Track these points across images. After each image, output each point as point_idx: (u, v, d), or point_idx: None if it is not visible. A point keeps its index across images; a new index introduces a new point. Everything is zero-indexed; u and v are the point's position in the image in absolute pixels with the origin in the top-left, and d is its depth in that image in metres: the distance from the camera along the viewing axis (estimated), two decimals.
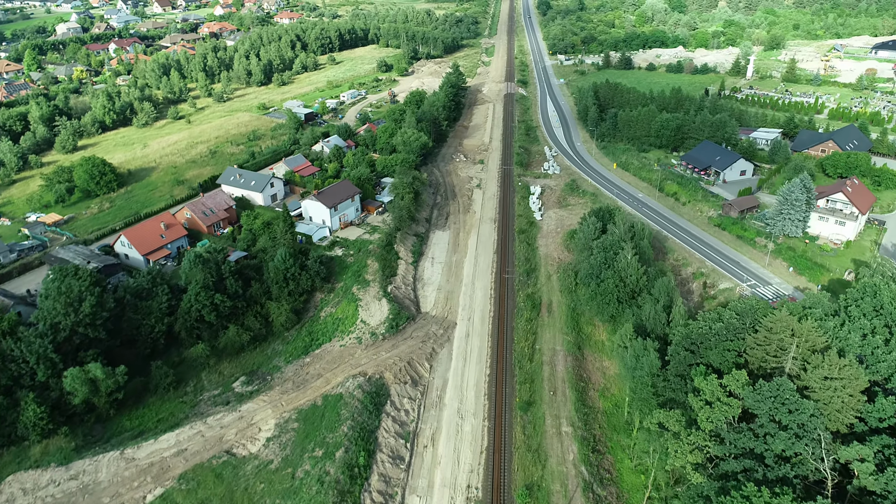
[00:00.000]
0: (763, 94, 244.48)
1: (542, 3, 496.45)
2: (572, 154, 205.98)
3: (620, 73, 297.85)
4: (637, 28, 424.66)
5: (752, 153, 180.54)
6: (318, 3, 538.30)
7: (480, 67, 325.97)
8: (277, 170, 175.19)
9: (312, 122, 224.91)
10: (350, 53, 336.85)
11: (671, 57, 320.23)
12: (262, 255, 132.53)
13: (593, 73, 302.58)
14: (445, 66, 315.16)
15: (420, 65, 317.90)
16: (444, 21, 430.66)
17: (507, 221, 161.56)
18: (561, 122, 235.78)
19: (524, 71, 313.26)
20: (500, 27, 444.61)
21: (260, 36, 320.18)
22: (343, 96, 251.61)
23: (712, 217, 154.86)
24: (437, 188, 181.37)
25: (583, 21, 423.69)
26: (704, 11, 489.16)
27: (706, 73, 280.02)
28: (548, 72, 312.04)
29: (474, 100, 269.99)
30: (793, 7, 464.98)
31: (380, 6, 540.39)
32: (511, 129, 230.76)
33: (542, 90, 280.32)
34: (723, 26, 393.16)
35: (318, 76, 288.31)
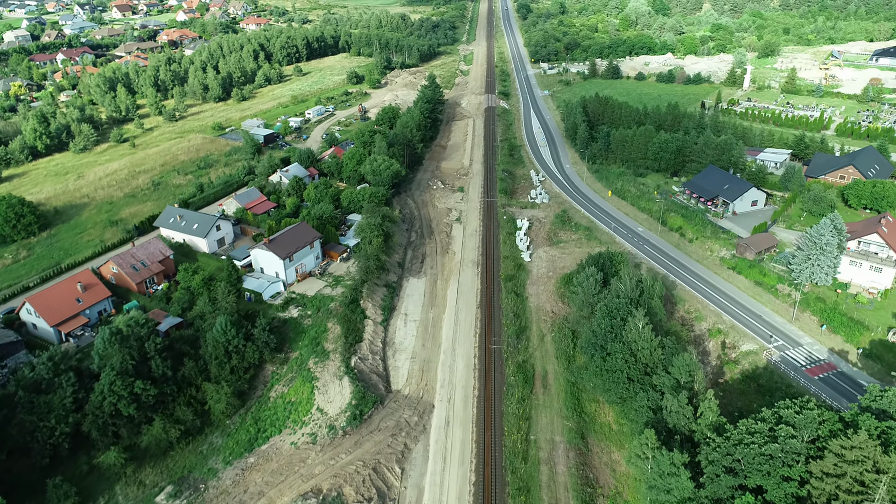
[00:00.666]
0: (763, 106, 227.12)
1: (521, 7, 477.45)
2: (561, 178, 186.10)
3: (608, 82, 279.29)
4: (621, 32, 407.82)
5: (762, 179, 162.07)
6: (288, 7, 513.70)
7: (459, 77, 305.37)
8: (228, 206, 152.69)
9: (273, 144, 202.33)
10: (318, 63, 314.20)
11: (660, 64, 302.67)
12: (200, 322, 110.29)
13: (579, 83, 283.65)
14: (421, 76, 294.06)
15: (394, 75, 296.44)
16: (419, 26, 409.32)
17: (492, 265, 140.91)
18: (547, 141, 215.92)
19: (505, 81, 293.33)
20: (478, 32, 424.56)
21: (220, 45, 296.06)
22: (308, 113, 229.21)
23: (725, 258, 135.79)
24: (411, 223, 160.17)
25: (565, 25, 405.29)
26: (689, 14, 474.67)
27: (699, 83, 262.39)
28: (530, 82, 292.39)
29: (452, 114, 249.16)
30: (779, 9, 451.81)
31: (352, 10, 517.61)
32: (493, 148, 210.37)
33: (526, 103, 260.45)
34: (710, 31, 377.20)
35: (282, 89, 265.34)
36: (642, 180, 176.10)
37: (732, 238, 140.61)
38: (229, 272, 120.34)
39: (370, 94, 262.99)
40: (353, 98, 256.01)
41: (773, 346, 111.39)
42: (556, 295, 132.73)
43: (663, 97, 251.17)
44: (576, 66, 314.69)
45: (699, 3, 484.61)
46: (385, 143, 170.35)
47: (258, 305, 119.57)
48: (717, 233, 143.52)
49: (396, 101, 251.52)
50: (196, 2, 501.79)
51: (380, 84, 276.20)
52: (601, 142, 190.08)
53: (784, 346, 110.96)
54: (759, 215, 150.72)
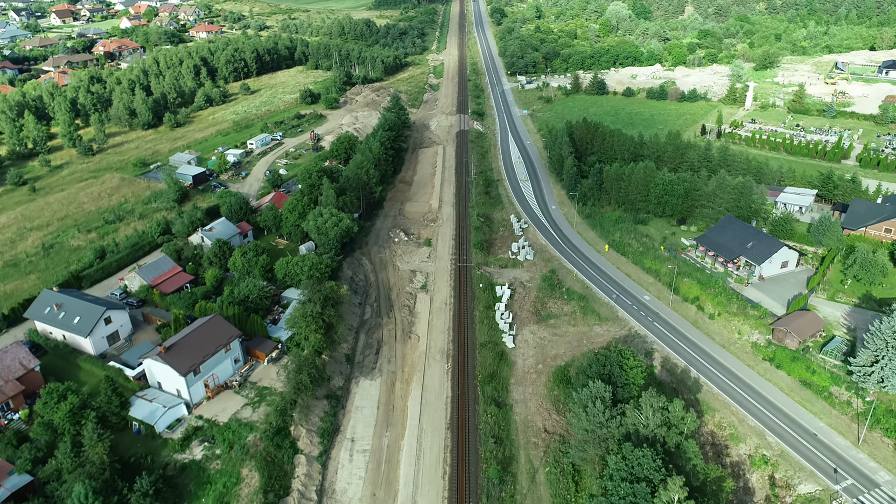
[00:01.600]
0: (770, 129, 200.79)
1: (495, 11, 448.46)
2: (547, 225, 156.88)
3: (593, 99, 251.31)
4: (602, 38, 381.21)
5: (789, 230, 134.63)
6: (245, 13, 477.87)
7: (428, 93, 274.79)
8: (130, 281, 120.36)
9: (204, 185, 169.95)
10: (270, 79, 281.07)
11: (649, 77, 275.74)
12: (56, 486, 78.50)
13: (561, 99, 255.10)
14: (385, 93, 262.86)
15: (354, 92, 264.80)
16: (385, 33, 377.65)
17: (466, 357, 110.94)
18: (529, 174, 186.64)
19: (479, 97, 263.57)
20: (449, 39, 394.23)
21: (156, 60, 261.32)
22: (251, 143, 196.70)
23: (759, 345, 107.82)
24: (365, 294, 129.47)
25: (542, 32, 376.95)
26: (671, 18, 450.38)
27: (695, 99, 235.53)
28: (507, 98, 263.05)
29: (420, 140, 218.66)
30: (765, 13, 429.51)
31: (314, 15, 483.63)
32: (466, 185, 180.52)
33: (503, 124, 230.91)
34: (697, 37, 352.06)
35: (225, 112, 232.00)
36: (644, 229, 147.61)
37: (765, 315, 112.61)
38: (108, 395, 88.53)
39: (326, 117, 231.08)
40: (306, 122, 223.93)
41: (840, 488, 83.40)
42: (548, 400, 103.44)
43: (656, 117, 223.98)
44: (556, 79, 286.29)
45: (681, 6, 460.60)
46: (333, 192, 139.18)
47: (149, 442, 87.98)
48: (744, 307, 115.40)
49: (355, 126, 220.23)
50: (144, 7, 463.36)
51: (337, 104, 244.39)
52: (593, 179, 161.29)
53: (856, 490, 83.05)
54: (791, 281, 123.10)
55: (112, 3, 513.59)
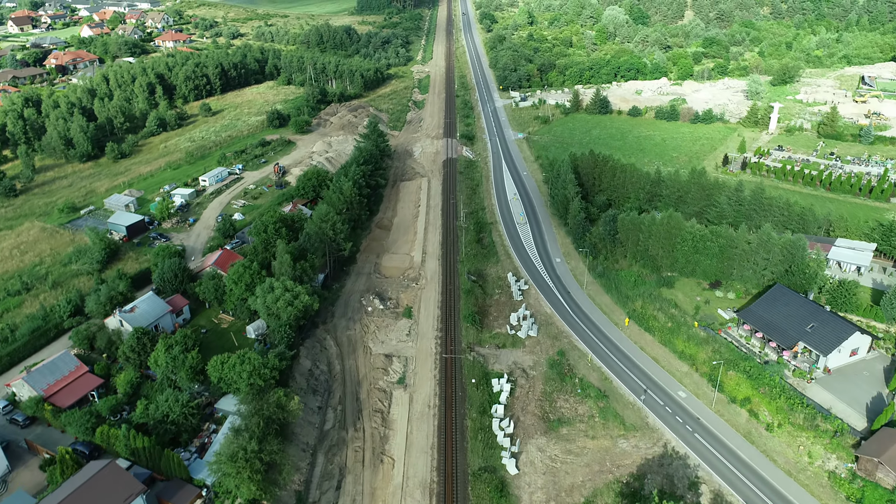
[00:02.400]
0: (801, 158, 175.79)
1: (485, 17, 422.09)
2: (552, 285, 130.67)
3: (595, 119, 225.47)
4: (599, 45, 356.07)
5: (851, 302, 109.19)
6: (218, 18, 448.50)
7: (412, 112, 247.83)
8: (18, 388, 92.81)
9: (141, 236, 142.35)
10: (237, 96, 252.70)
11: (655, 92, 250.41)
12: None
13: (559, 119, 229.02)
14: (364, 113, 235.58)
15: (329, 112, 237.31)
16: (367, 42, 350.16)
17: (455, 493, 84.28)
18: (527, 215, 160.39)
19: (469, 117, 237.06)
20: (436, 48, 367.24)
21: (105, 77, 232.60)
22: (204, 179, 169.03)
23: (838, 477, 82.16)
24: (327, 392, 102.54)
25: (535, 40, 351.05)
26: (670, 23, 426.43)
27: (710, 121, 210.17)
28: (499, 117, 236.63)
29: (401, 170, 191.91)
30: (770, 18, 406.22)
31: (293, 20, 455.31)
32: (454, 229, 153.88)
33: (496, 150, 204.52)
34: (702, 45, 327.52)
35: (179, 139, 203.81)
36: (670, 294, 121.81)
37: (842, 432, 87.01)
38: None
39: (295, 143, 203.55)
40: (272, 150, 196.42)
41: None
42: None
43: (668, 142, 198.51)
44: (554, 94, 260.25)
45: (681, 10, 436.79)
46: (289, 257, 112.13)
47: None
48: (812, 417, 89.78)
49: (328, 155, 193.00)
50: (110, 13, 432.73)
51: (309, 127, 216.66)
52: (604, 228, 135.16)
53: None
54: (864, 374, 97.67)
55: (77, 8, 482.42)
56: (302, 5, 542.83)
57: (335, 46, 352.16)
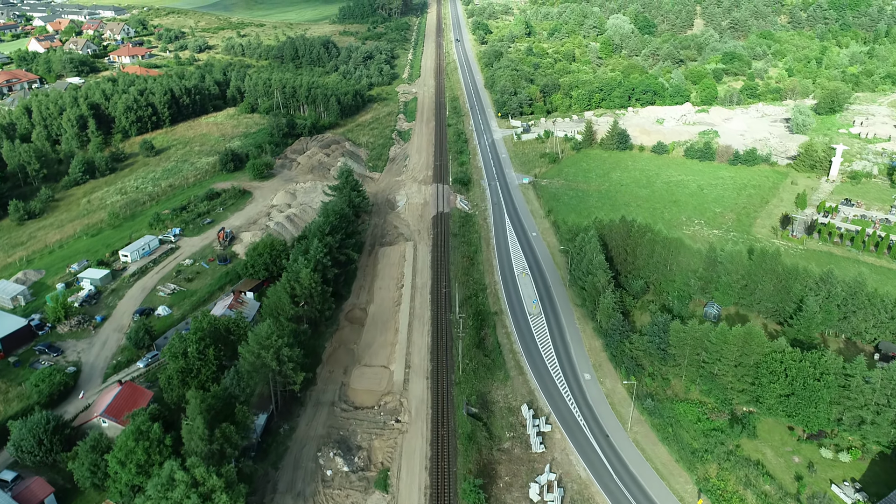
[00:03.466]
0: (879, 218, 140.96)
1: (478, 27, 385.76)
2: (583, 423, 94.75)
3: (614, 157, 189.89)
4: (604, 59, 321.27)
5: None
6: (186, 29, 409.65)
7: (396, 146, 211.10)
8: None
9: (25, 348, 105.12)
10: (189, 128, 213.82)
11: (678, 121, 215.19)
12: None
13: (571, 157, 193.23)
14: (339, 150, 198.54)
15: (297, 149, 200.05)
16: (347, 57, 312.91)
17: None
18: (541, 297, 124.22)
19: (462, 152, 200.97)
20: (424, 64, 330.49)
21: (27, 108, 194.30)
22: (125, 254, 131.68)
23: None
24: None
25: (535, 55, 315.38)
26: (678, 32, 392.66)
27: (754, 162, 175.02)
28: (498, 153, 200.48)
29: (381, 230, 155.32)
30: (788, 28, 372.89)
31: (269, 31, 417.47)
32: (447, 325, 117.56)
33: (496, 200, 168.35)
34: (722, 61, 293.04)
35: (108, 189, 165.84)
36: (753, 446, 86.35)
37: None
38: None
39: (251, 194, 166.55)
40: (223, 203, 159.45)
41: None
42: None
43: (707, 192, 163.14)
44: (560, 123, 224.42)
45: (689, 19, 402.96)
46: (203, 422, 75.29)
47: None
48: None
49: (291, 212, 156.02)
50: (65, 23, 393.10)
51: (271, 171, 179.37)
52: (653, 340, 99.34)
53: None
54: None
55: (32, 17, 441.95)
56: (280, 12, 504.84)
57: (311, 62, 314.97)
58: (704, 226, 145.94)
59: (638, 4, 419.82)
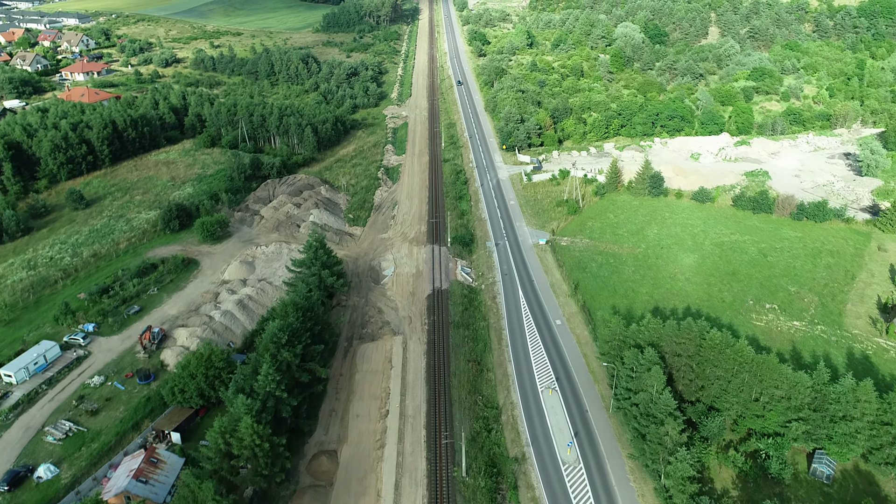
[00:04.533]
0: None
1: (474, 38, 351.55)
2: None
3: (647, 206, 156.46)
4: (615, 74, 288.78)
5: None
6: (155, 39, 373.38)
7: (382, 188, 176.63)
8: None
9: None
10: (133, 169, 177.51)
11: (717, 157, 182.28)
12: None
13: (593, 205, 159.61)
14: (313, 199, 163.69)
15: (262, 195, 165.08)
16: (329, 73, 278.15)
17: None
18: (580, 439, 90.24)
19: (462, 198, 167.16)
20: (416, 80, 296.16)
21: None
22: (8, 373, 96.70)
23: None
24: None
25: (539, 70, 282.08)
26: (692, 42, 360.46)
27: (824, 217, 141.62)
28: (505, 198, 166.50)
29: (361, 313, 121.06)
30: (814, 37, 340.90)
31: (245, 41, 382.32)
32: (450, 488, 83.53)
33: (507, 269, 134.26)
34: (752, 78, 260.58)
35: (14, 260, 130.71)
36: None
37: None
38: None
39: (198, 264, 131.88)
40: (158, 279, 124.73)
41: None
42: None
43: (773, 260, 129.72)
44: (577, 158, 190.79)
45: (704, 27, 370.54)
46: None
47: None
48: None
49: (245, 292, 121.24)
50: (19, 34, 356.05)
51: (226, 230, 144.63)
52: None
53: None
54: None
55: None
56: (260, 19, 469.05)
57: (288, 79, 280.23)
58: (780, 314, 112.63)
59: (647, 11, 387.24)
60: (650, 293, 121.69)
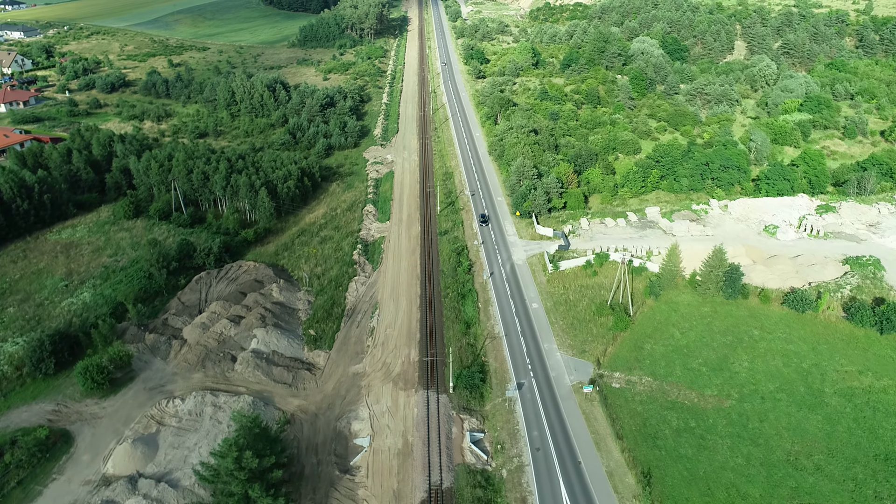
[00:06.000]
0: None
1: (471, 56, 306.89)
2: None
3: (722, 314, 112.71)
4: (637, 100, 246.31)
5: None
6: (103, 56, 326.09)
7: (358, 280, 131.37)
8: None
9: None
10: (22, 256, 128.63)
11: (800, 232, 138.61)
12: None
13: (648, 311, 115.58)
14: (261, 305, 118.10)
15: (189, 301, 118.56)
16: (299, 103, 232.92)
17: None
18: None
19: (466, 297, 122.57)
20: (404, 108, 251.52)
21: None
22: None
23: None
24: None
25: (550, 98, 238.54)
26: (717, 58, 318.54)
27: None
28: (526, 301, 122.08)
29: None
30: (858, 55, 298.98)
31: (211, 56, 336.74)
32: None
33: (538, 445, 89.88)
34: (806, 107, 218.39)
35: None
36: None
37: None
38: None
39: (73, 441, 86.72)
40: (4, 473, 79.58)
41: None
42: None
43: None
44: (611, 228, 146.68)
45: (730, 41, 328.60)
46: None
47: None
48: None
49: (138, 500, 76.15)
50: None
51: (129, 371, 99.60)
52: None
53: None
54: None
55: None
56: (232, 30, 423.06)
57: (251, 110, 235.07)
58: None
59: (664, 23, 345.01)
60: (766, 499, 78.03)
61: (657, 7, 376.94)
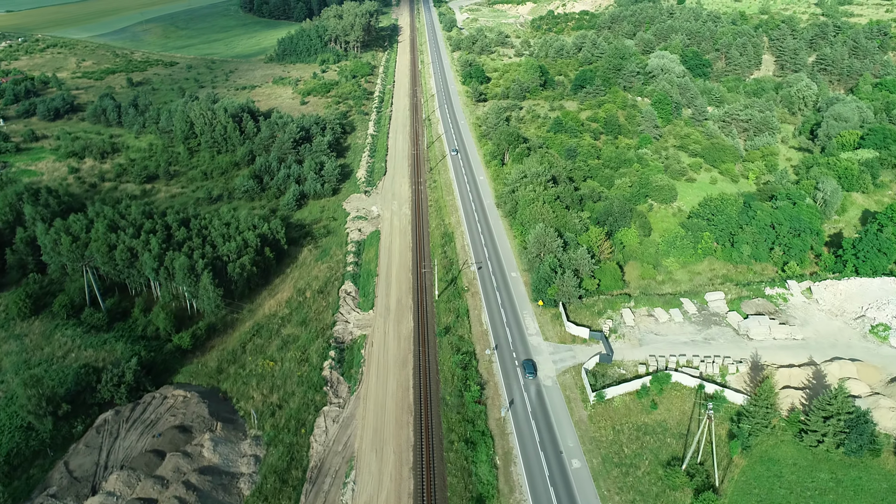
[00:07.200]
0: None
1: (469, 74, 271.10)
2: None
3: (848, 482, 77.68)
4: (662, 128, 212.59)
5: None
6: (58, 73, 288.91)
7: (327, 411, 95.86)
8: None
9: None
10: None
11: None
12: None
13: (740, 478, 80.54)
14: (185, 469, 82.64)
15: (72, 475, 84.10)
16: (269, 137, 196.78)
17: None
18: None
19: (476, 444, 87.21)
20: (393, 140, 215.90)
21: None
22: None
23: None
24: None
25: (565, 129, 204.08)
26: (744, 74, 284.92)
27: None
28: (561, 448, 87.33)
29: None
30: None
31: (179, 72, 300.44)
32: None
33: None
34: (869, 143, 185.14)
35: None
36: None
37: None
38: None
39: None
40: None
41: None
42: None
43: None
44: (662, 321, 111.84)
45: (757, 55, 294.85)
46: None
47: None
48: None
49: None
50: None
51: None
52: None
53: None
54: None
55: None
56: (205, 42, 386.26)
57: (214, 144, 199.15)
58: None
59: (683, 35, 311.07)
60: None
61: (673, 17, 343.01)
